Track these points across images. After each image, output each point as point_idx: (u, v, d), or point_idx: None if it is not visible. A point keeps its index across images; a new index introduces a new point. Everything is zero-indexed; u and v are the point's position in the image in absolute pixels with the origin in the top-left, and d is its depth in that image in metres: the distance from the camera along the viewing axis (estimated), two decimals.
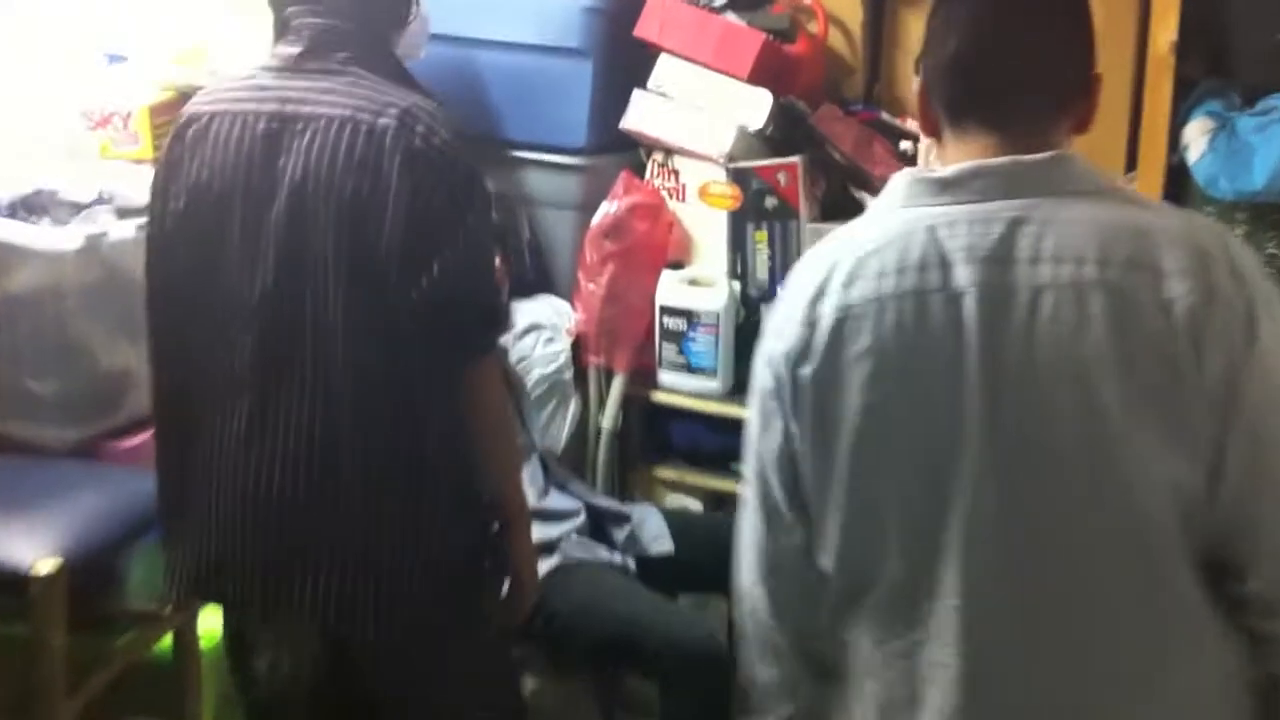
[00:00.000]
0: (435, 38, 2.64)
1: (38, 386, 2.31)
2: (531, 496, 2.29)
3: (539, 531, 2.23)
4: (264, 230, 1.71)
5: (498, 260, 2.31)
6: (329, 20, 1.76)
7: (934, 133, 1.39)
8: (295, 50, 1.76)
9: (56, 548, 2.01)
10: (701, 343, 2.67)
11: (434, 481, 1.75)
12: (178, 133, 1.79)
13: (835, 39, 2.80)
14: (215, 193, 1.73)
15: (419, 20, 2.47)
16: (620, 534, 2.42)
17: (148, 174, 1.94)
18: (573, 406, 2.73)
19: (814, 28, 2.75)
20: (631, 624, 2.19)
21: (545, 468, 2.45)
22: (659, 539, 2.42)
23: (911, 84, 1.56)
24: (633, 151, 2.81)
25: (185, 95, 2.25)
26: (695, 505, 2.75)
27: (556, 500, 2.40)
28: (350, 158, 1.67)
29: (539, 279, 2.85)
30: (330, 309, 1.69)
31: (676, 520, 2.49)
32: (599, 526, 2.43)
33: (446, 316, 1.69)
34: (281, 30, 1.79)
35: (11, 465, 2.29)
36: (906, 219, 1.32)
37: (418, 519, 1.75)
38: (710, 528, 2.42)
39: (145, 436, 2.24)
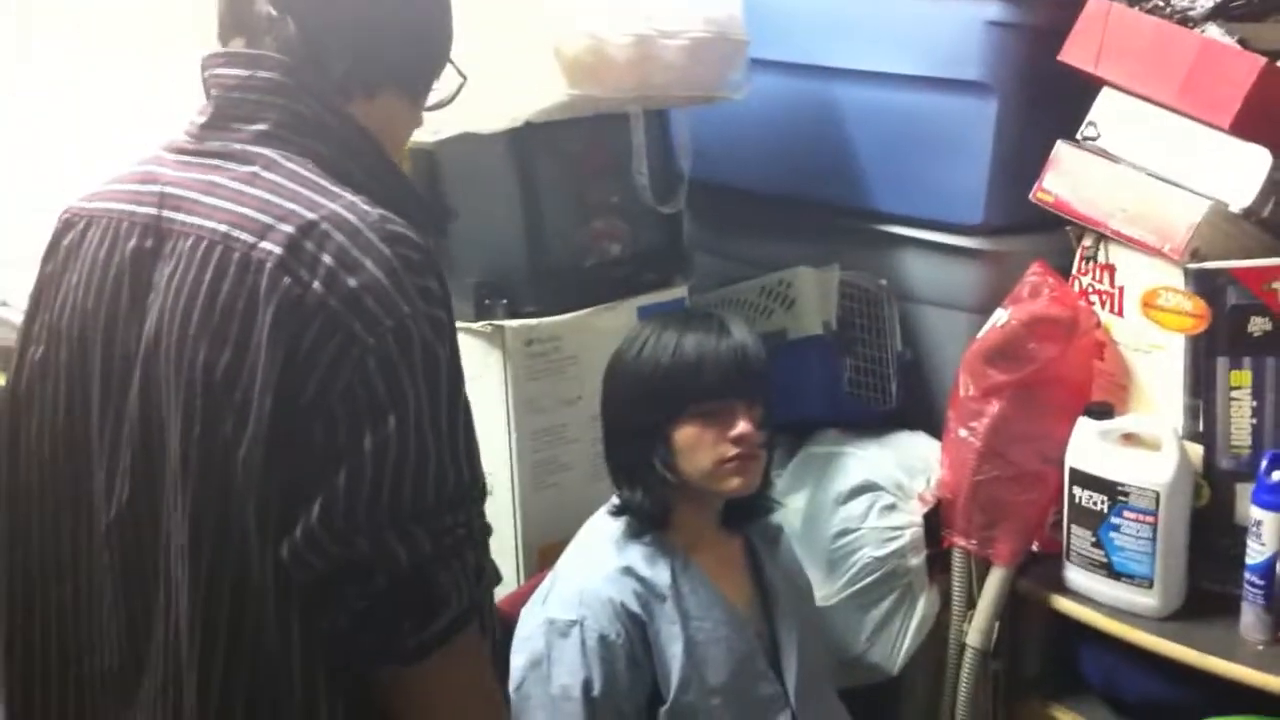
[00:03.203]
0: (769, 65, 2.03)
1: None
2: None
3: None
4: (124, 410, 1.08)
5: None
6: (249, 71, 1.09)
7: None
8: (200, 119, 1.12)
9: None
10: (1131, 534, 1.74)
11: None
12: (53, 240, 1.17)
13: None
14: (76, 341, 1.11)
15: (733, 45, 1.76)
16: None
17: None
18: (922, 607, 1.90)
19: None
20: None
21: None
22: None
23: None
24: (1055, 233, 1.93)
25: None
26: None
27: None
28: (210, 306, 1.01)
29: (907, 408, 2.06)
30: (175, 553, 1.03)
31: None
32: None
33: (330, 591, 1.00)
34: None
35: None
36: None
37: None
38: None
39: None
